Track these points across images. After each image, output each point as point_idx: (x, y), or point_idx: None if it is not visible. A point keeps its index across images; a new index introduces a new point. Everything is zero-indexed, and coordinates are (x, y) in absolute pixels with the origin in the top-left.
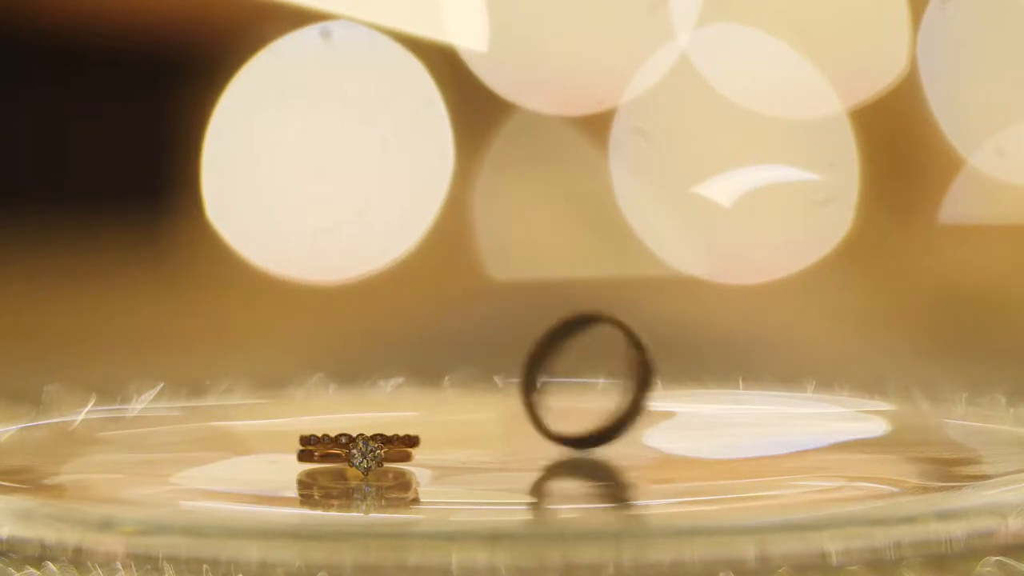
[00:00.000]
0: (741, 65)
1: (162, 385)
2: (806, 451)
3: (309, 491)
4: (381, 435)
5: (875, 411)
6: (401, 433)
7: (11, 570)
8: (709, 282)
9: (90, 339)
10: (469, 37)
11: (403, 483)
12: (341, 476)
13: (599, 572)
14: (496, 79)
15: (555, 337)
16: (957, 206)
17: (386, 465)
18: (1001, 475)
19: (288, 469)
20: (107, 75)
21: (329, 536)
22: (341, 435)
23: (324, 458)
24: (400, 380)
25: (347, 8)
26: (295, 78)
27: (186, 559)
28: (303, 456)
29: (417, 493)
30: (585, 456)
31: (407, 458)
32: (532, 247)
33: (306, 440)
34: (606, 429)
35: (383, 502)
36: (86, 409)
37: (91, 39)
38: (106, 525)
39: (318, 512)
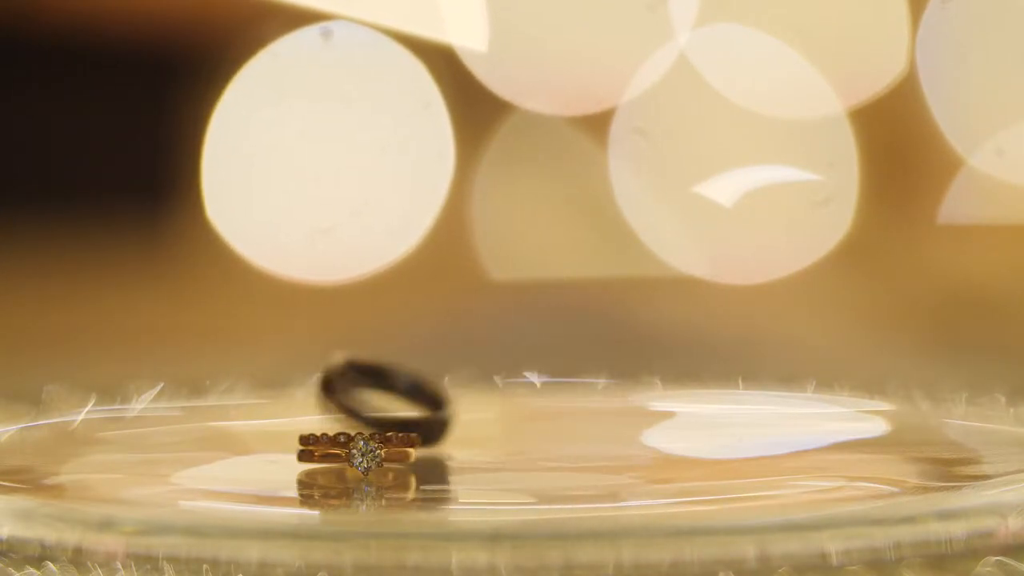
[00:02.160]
0: (741, 65)
1: (162, 385)
2: (806, 451)
3: (309, 491)
4: (381, 435)
5: (875, 411)
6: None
7: (11, 570)
8: (709, 282)
9: (90, 339)
10: (469, 37)
11: (403, 483)
12: (341, 476)
13: (599, 572)
14: (496, 79)
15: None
16: (957, 206)
17: (386, 465)
18: (1001, 475)
19: (288, 469)
20: (107, 75)
21: (329, 536)
22: (340, 434)
23: (324, 458)
24: None
25: (346, 8)
26: (295, 78)
27: (186, 559)
28: (303, 456)
29: (417, 493)
30: (586, 456)
31: (407, 458)
32: (532, 247)
33: (306, 440)
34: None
35: (383, 502)
36: (86, 409)
37: (91, 39)
38: (106, 525)
39: (318, 512)
